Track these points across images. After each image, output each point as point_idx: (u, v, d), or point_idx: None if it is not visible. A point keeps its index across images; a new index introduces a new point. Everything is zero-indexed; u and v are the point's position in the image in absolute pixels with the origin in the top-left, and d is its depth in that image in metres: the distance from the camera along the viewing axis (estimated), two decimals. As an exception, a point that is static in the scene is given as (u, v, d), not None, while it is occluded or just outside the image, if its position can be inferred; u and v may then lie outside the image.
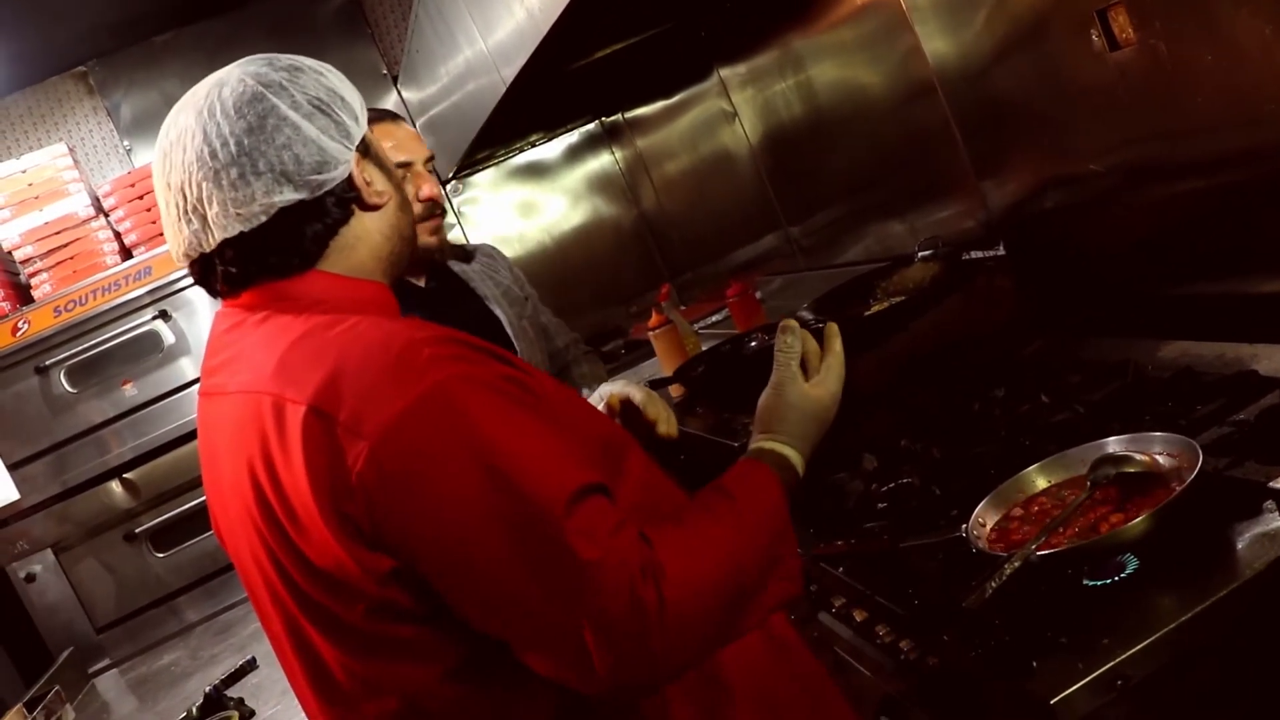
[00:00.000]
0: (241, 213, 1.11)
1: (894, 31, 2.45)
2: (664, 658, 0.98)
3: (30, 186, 3.56)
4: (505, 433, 0.99)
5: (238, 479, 1.10)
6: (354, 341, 1.05)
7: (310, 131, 1.13)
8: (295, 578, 1.06)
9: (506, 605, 0.98)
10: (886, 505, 1.79)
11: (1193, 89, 1.78)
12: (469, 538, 0.97)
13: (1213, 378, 1.70)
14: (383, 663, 1.04)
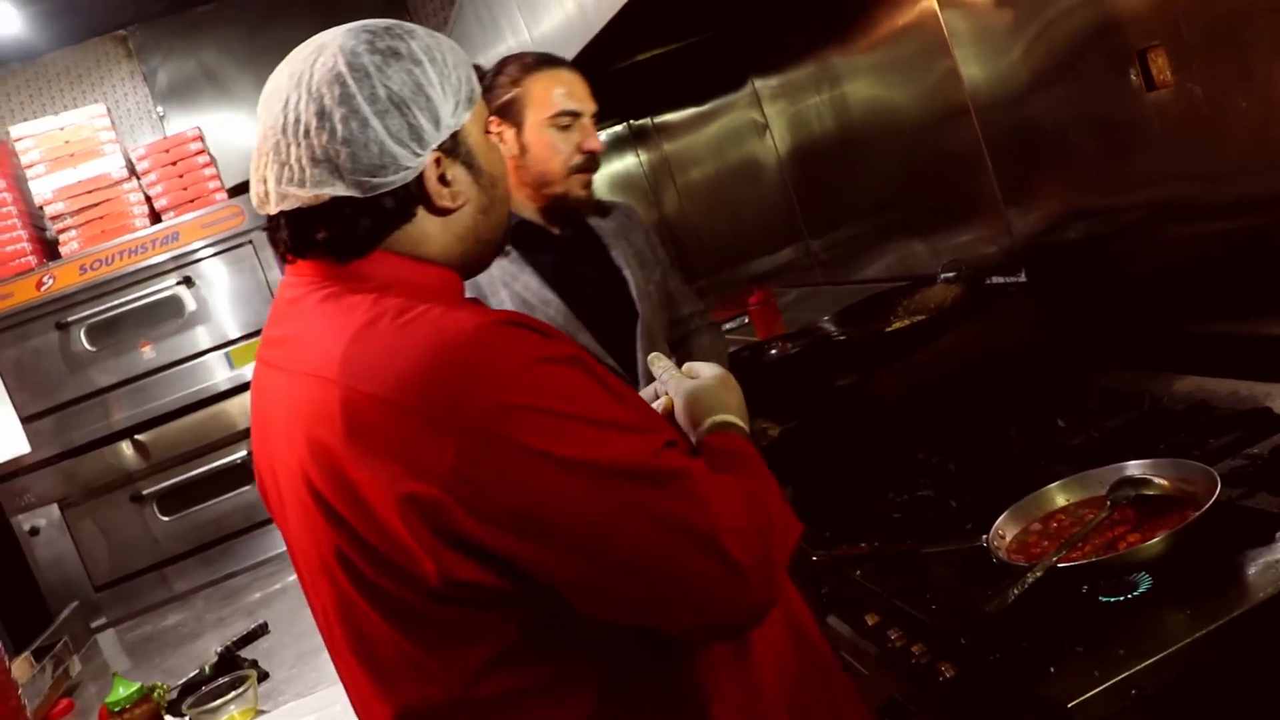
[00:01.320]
0: (296, 192, 1.11)
1: (933, 54, 2.50)
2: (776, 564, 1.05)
3: (67, 144, 3.60)
4: (591, 409, 1.01)
5: (295, 457, 1.09)
6: (429, 333, 1.02)
7: (377, 131, 1.09)
8: (353, 559, 1.05)
9: (639, 570, 1.00)
10: (901, 515, 1.85)
11: (1225, 133, 1.83)
12: (588, 527, 0.99)
13: (1226, 412, 1.76)
14: (435, 644, 1.05)
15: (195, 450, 3.70)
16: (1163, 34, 1.86)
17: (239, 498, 3.71)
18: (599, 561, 0.99)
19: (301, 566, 1.19)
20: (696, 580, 1.00)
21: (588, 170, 2.00)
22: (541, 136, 1.95)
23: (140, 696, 1.76)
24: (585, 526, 0.98)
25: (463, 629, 1.04)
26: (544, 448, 0.97)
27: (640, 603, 1.02)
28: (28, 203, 3.71)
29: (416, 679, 1.07)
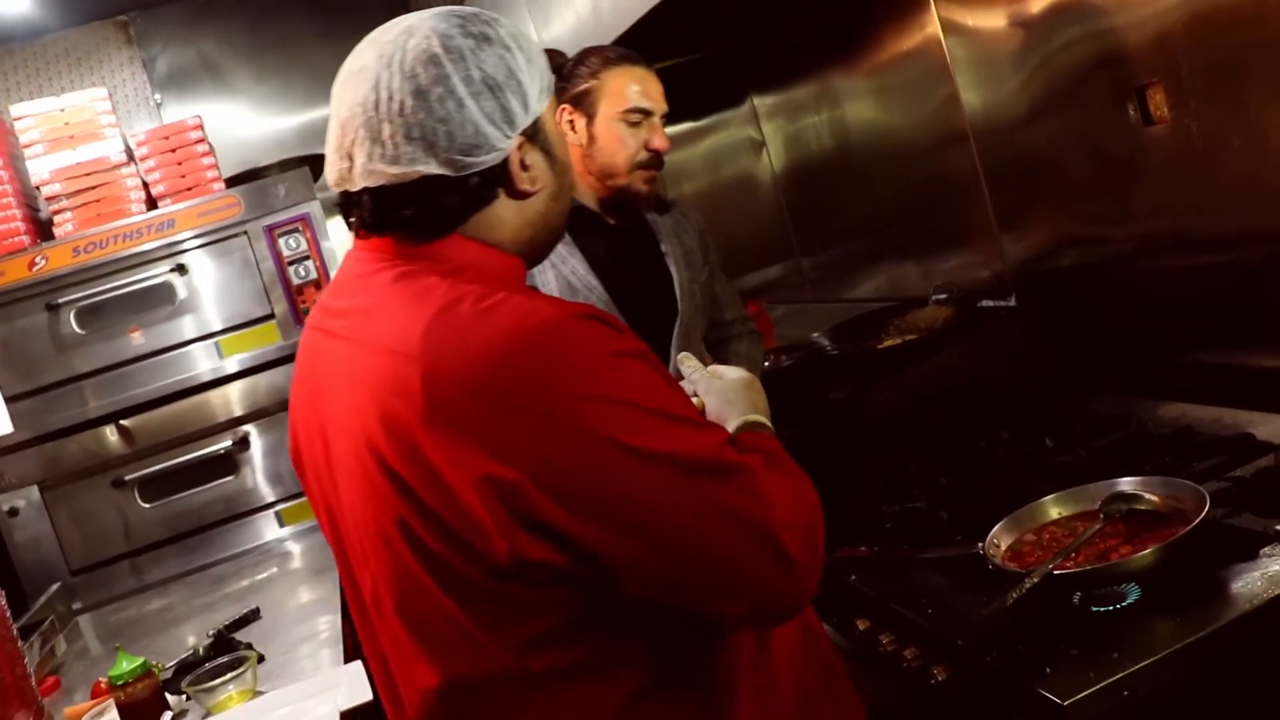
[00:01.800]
0: (386, 169, 1.12)
1: (934, 79, 2.57)
2: (819, 554, 1.11)
3: (66, 126, 3.60)
4: (662, 403, 1.06)
5: (361, 426, 1.11)
6: (511, 320, 1.05)
7: (473, 112, 1.12)
8: (418, 531, 1.08)
9: (697, 557, 1.04)
10: (894, 525, 1.90)
11: (1218, 170, 1.91)
12: (657, 515, 1.03)
13: (1210, 437, 1.83)
14: (491, 617, 1.08)
15: (179, 438, 3.68)
16: (1162, 71, 1.94)
17: (220, 488, 3.70)
18: (661, 546, 1.04)
19: (353, 532, 1.20)
20: (750, 570, 1.05)
21: (652, 167, 2.03)
22: (612, 130, 1.99)
23: (143, 671, 1.77)
24: (652, 514, 1.03)
25: (520, 604, 1.07)
26: (620, 438, 1.02)
27: (694, 587, 1.06)
28: (23, 182, 3.70)
29: (468, 650, 1.10)
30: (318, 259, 3.71)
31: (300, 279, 3.70)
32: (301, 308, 3.71)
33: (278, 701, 1.80)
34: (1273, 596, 1.29)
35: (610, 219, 2.09)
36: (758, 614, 1.11)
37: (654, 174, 2.04)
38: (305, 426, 1.27)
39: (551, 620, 1.08)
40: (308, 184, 3.72)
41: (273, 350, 3.69)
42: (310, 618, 2.37)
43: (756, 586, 1.06)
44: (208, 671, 1.93)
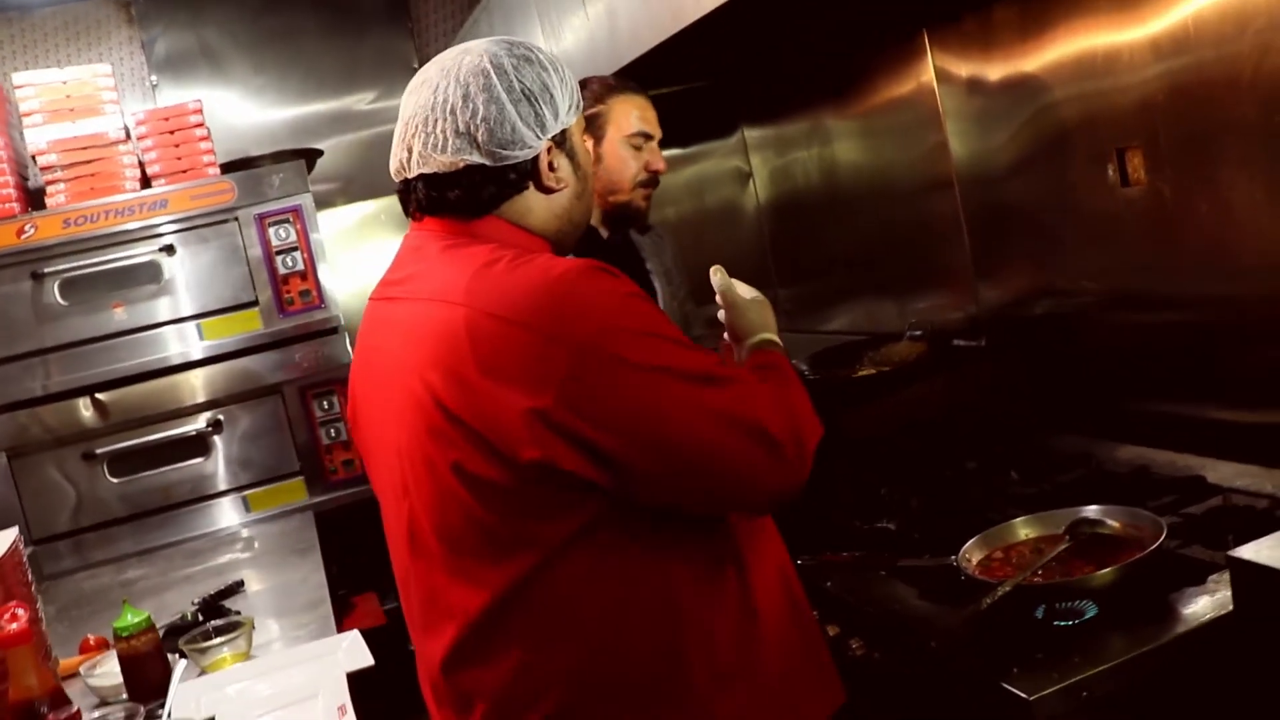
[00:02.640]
0: (436, 157, 1.36)
1: (925, 126, 2.71)
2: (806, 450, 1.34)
3: (68, 98, 3.64)
4: (667, 331, 1.29)
5: (415, 366, 1.31)
6: (540, 271, 1.28)
7: (513, 113, 1.35)
8: (461, 453, 1.26)
9: (707, 457, 1.26)
10: (866, 541, 2.01)
11: (1186, 234, 2.05)
12: (665, 420, 1.24)
13: (1165, 478, 1.97)
14: (529, 521, 1.27)
15: (153, 416, 3.71)
16: (1142, 137, 2.09)
17: (190, 469, 3.73)
18: (668, 445, 1.25)
19: (401, 469, 1.37)
20: (741, 458, 1.27)
21: (650, 186, 2.24)
22: (618, 152, 2.18)
23: (147, 625, 1.83)
24: (661, 418, 1.24)
25: (550, 507, 1.26)
26: (632, 358, 1.24)
27: (696, 477, 1.27)
28: (17, 150, 3.74)
29: (515, 552, 1.28)
30: (306, 251, 3.77)
31: (287, 269, 3.76)
32: (285, 297, 3.77)
33: (278, 663, 1.86)
34: (1216, 617, 1.41)
35: (603, 231, 2.24)
36: (752, 497, 1.33)
37: (650, 192, 2.25)
38: (363, 385, 1.48)
39: (576, 523, 1.27)
40: (302, 176, 3.79)
41: (253, 336, 3.74)
42: (294, 593, 2.43)
43: (748, 471, 1.28)
44: (202, 633, 1.99)
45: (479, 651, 1.33)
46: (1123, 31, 2.06)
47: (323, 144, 4.22)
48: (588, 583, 1.30)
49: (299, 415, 3.79)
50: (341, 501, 3.77)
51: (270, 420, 3.80)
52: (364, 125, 4.73)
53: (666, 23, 2.19)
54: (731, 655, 1.36)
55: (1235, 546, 1.26)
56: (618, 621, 1.31)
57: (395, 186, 1.45)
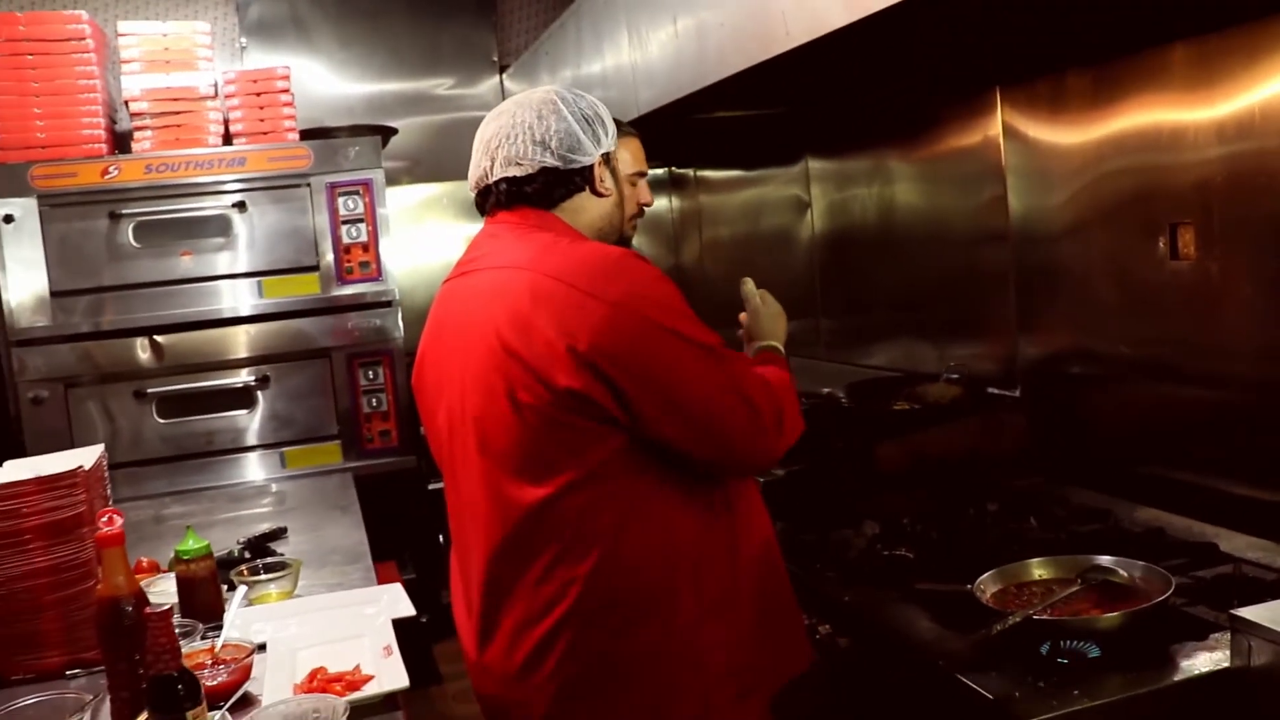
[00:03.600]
0: (518, 161, 1.74)
1: (986, 178, 2.80)
2: (785, 432, 1.67)
3: (166, 50, 3.79)
4: (682, 307, 1.61)
5: (489, 319, 1.63)
6: (594, 250, 1.65)
7: (577, 129, 1.75)
8: (516, 383, 1.57)
9: (703, 407, 1.57)
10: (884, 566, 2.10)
11: (1229, 312, 2.13)
12: (674, 366, 1.56)
13: (1179, 541, 2.05)
14: (574, 442, 1.56)
15: (205, 364, 3.84)
16: (1196, 213, 2.17)
17: (233, 420, 3.87)
18: (673, 397, 1.56)
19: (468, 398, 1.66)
20: (729, 418, 1.59)
21: (639, 217, 2.32)
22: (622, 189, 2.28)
23: (206, 552, 1.94)
24: (670, 373, 1.56)
25: (584, 433, 1.56)
26: (659, 321, 1.56)
27: (690, 428, 1.57)
28: (111, 94, 3.89)
29: (543, 470, 1.58)
30: (371, 224, 3.90)
31: (350, 239, 3.89)
32: (345, 266, 3.90)
33: (321, 604, 1.97)
34: (1213, 671, 1.50)
35: None
36: (731, 451, 1.61)
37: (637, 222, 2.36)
38: (433, 350, 1.79)
39: (602, 453, 1.57)
40: (377, 152, 3.92)
41: (310, 300, 3.88)
42: (336, 545, 2.54)
43: (733, 431, 1.59)
44: (251, 568, 2.10)
45: (521, 548, 1.60)
46: (1190, 111, 2.15)
47: (395, 123, 4.35)
48: (608, 501, 1.58)
49: (344, 381, 3.92)
50: (374, 470, 3.89)
51: (315, 382, 3.93)
52: (439, 110, 4.87)
53: (754, 51, 2.29)
54: (716, 593, 1.63)
55: (1239, 609, 1.35)
56: (625, 540, 1.58)
57: (473, 195, 1.81)
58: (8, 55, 3.59)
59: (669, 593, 1.60)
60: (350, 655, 1.73)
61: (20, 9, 4.30)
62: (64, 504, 1.73)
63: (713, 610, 1.62)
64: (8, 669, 1.76)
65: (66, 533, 1.74)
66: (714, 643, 1.62)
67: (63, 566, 1.74)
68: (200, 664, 1.59)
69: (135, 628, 1.41)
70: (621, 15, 3.12)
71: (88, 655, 1.75)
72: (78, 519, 1.75)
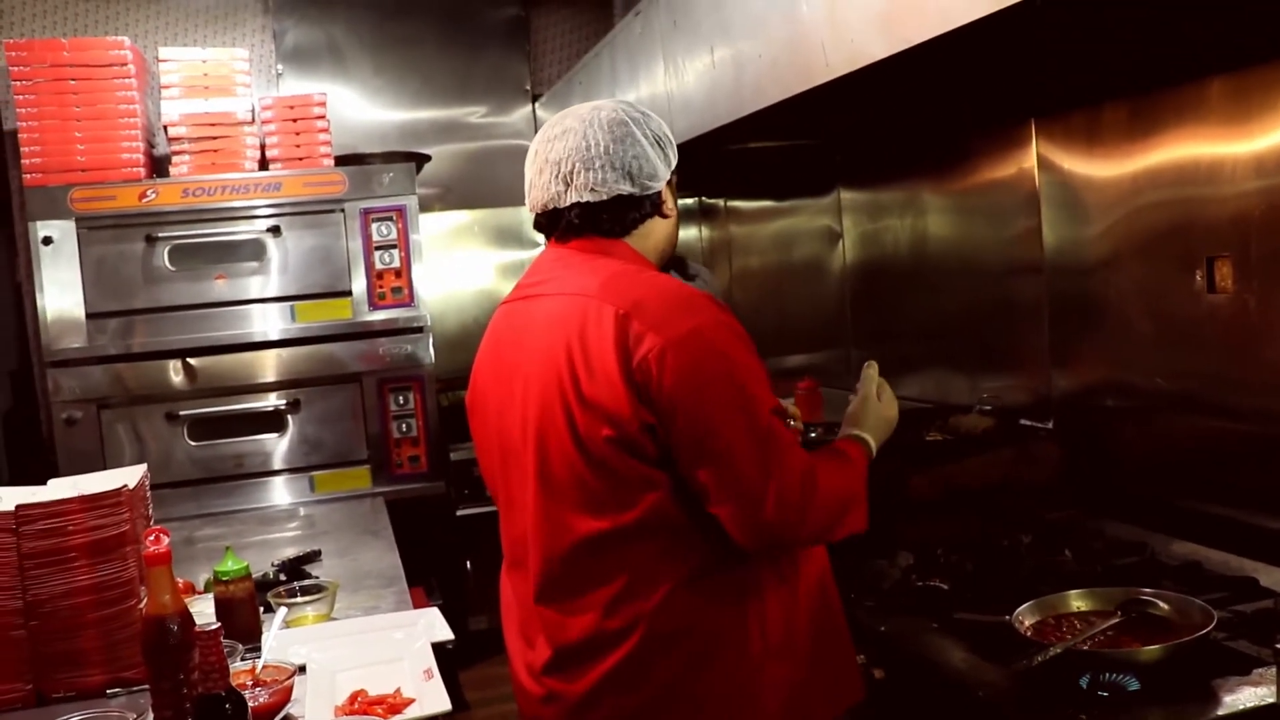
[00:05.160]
0: (595, 188, 1.66)
1: (1021, 210, 2.80)
2: (801, 527, 1.56)
3: (205, 76, 3.85)
4: (742, 357, 1.55)
5: (555, 346, 1.59)
6: (657, 282, 1.61)
7: (652, 154, 1.69)
8: (576, 414, 1.55)
9: (725, 467, 1.51)
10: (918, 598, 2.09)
11: (1267, 346, 2.12)
12: (715, 414, 1.51)
13: (1218, 575, 2.03)
14: (624, 486, 1.55)
15: (237, 387, 3.88)
16: (1233, 246, 2.17)
17: (263, 443, 3.89)
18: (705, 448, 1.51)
19: (519, 433, 1.65)
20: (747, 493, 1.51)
21: None
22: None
23: (245, 573, 1.96)
24: (708, 419, 1.51)
25: (628, 478, 1.54)
26: (711, 366, 1.52)
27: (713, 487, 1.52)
28: (150, 119, 3.95)
29: (594, 507, 1.57)
30: (404, 250, 3.93)
31: (383, 265, 3.92)
32: (378, 291, 3.93)
33: (359, 627, 1.98)
34: (1257, 707, 1.49)
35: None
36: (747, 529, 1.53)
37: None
38: (487, 375, 1.76)
39: (650, 495, 1.54)
40: (411, 178, 3.96)
41: (342, 325, 3.91)
42: (370, 569, 2.55)
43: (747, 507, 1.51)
44: (288, 589, 2.11)
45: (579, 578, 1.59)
46: (1228, 144, 2.15)
47: (428, 150, 4.39)
48: (671, 540, 1.56)
49: (374, 406, 3.94)
50: (403, 495, 3.91)
51: (346, 407, 3.96)
52: (471, 137, 4.92)
53: (791, 82, 2.30)
54: (779, 633, 1.61)
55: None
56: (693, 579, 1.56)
57: (534, 216, 1.75)
58: (51, 80, 3.66)
59: (736, 632, 1.59)
60: (390, 678, 1.74)
61: (64, 35, 4.39)
62: (108, 522, 1.75)
63: (776, 651, 1.61)
64: (49, 687, 1.78)
65: (110, 551, 1.76)
66: (775, 681, 1.61)
67: (106, 585, 1.76)
68: (241, 685, 1.60)
69: (180, 647, 1.42)
70: (658, 45, 3.15)
71: (129, 674, 1.77)
72: (121, 538, 1.77)
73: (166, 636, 1.42)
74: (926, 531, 2.41)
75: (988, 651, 1.74)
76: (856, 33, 1.94)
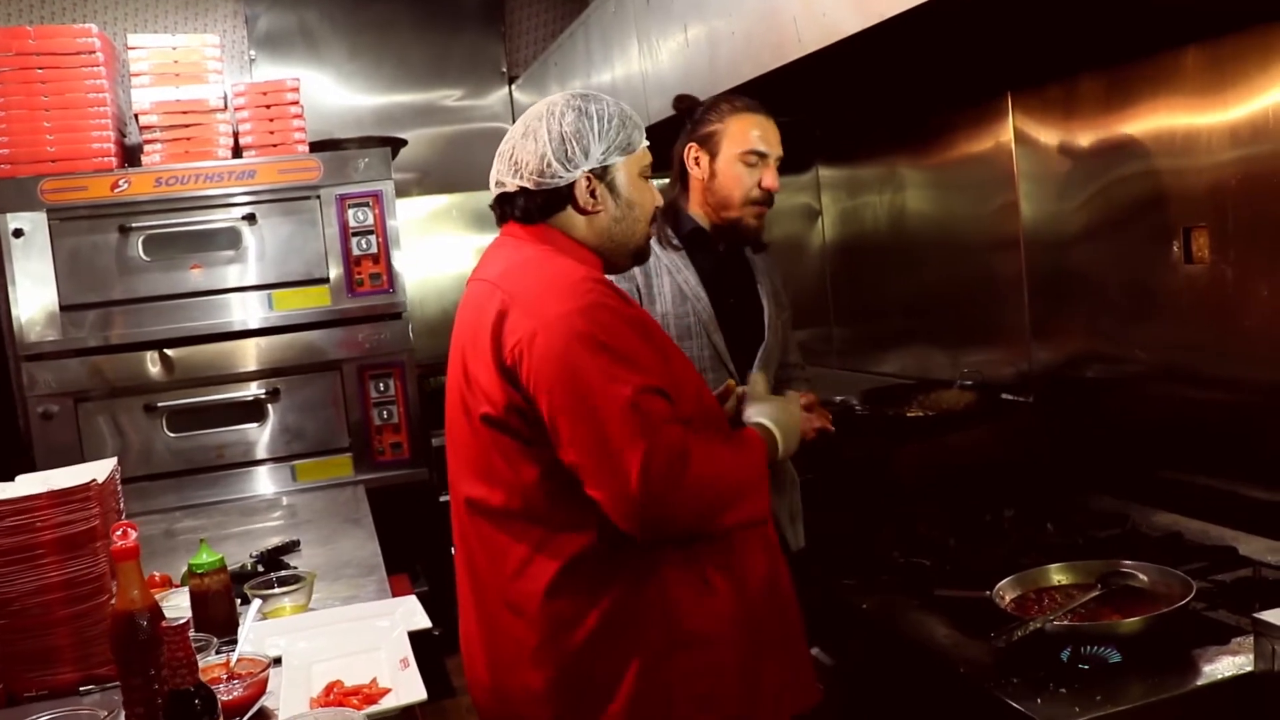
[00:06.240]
0: (505, 180, 1.73)
1: (998, 185, 2.79)
2: (670, 510, 1.49)
3: (175, 63, 3.80)
4: (616, 339, 1.54)
5: (461, 332, 1.70)
6: (552, 271, 1.63)
7: (546, 150, 1.68)
8: (469, 397, 1.64)
9: (592, 445, 1.50)
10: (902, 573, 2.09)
11: (1244, 315, 2.12)
12: (580, 394, 1.50)
13: (1198, 545, 2.03)
14: (499, 454, 1.61)
15: (215, 377, 3.83)
16: (1210, 217, 2.16)
17: (244, 433, 3.85)
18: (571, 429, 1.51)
19: (451, 407, 1.73)
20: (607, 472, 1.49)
21: (763, 204, 2.27)
22: (730, 169, 2.23)
23: (220, 566, 1.94)
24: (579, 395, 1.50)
25: (514, 454, 1.59)
26: (578, 346, 1.51)
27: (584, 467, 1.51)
28: (120, 108, 3.90)
29: (486, 476, 1.62)
30: (381, 235, 3.89)
31: (361, 251, 3.88)
32: (356, 278, 3.89)
33: (336, 617, 1.96)
34: (1236, 675, 1.49)
35: (720, 245, 2.30)
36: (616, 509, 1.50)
37: (764, 210, 2.28)
38: (454, 353, 1.74)
39: (530, 473, 1.58)
40: (387, 163, 3.92)
41: (320, 312, 3.86)
42: (349, 558, 2.52)
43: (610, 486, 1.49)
44: (265, 581, 2.09)
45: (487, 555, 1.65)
46: (1204, 114, 2.14)
47: (404, 134, 4.35)
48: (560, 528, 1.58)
49: (355, 394, 3.91)
50: (385, 482, 3.88)
51: (326, 395, 3.92)
52: (447, 121, 4.88)
53: (766, 59, 2.28)
54: (693, 625, 1.58)
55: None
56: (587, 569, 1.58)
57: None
58: (17, 69, 3.60)
59: (633, 618, 1.57)
60: (367, 668, 1.72)
61: (30, 22, 4.33)
62: (77, 518, 1.73)
63: (687, 640, 1.58)
64: (20, 686, 1.76)
65: (79, 547, 1.74)
66: (687, 672, 1.58)
67: (76, 581, 1.74)
68: (215, 679, 1.58)
69: (150, 642, 1.40)
70: (631, 25, 3.13)
71: (101, 671, 1.74)
72: (91, 533, 1.75)
73: (136, 632, 1.40)
74: (909, 508, 2.41)
75: (969, 627, 1.74)
76: (828, 7, 1.92)
